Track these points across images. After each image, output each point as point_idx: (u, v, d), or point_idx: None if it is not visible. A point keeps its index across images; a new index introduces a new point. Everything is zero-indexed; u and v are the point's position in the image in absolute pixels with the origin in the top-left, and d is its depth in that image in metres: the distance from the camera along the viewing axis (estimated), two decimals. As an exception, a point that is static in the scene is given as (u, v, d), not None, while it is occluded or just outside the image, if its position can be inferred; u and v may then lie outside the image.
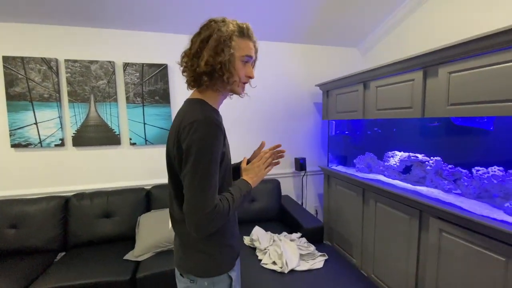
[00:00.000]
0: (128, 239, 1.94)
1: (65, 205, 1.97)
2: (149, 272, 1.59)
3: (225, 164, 0.81)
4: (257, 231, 1.98)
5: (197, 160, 0.70)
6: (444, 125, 1.66)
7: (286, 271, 1.56)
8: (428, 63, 1.42)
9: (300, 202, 2.71)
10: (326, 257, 1.70)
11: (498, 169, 1.34)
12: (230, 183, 0.87)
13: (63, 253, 1.89)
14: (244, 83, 0.84)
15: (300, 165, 2.59)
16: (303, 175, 2.73)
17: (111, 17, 2.00)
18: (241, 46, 0.78)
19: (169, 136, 0.81)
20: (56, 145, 2.07)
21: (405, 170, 1.85)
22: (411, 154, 1.81)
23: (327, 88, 2.42)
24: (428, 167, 1.65)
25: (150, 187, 2.20)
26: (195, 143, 0.70)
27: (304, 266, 1.61)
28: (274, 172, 2.60)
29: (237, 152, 1.98)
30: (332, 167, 2.43)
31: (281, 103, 2.62)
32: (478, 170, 1.40)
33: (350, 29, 2.46)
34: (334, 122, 2.53)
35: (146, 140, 2.24)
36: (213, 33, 0.76)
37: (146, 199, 2.11)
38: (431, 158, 1.68)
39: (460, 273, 1.27)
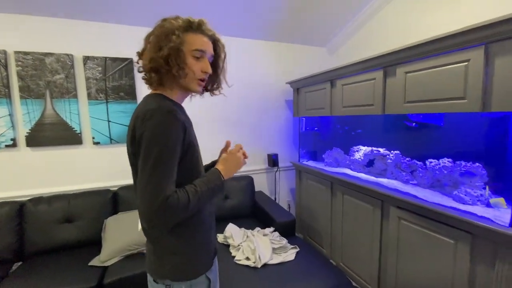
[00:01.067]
0: (94, 244, 1.83)
1: (19, 211, 1.80)
2: (117, 277, 1.52)
3: (192, 157, 0.79)
4: (231, 228, 1.99)
5: (149, 148, 0.67)
6: (401, 121, 1.79)
7: (259, 266, 1.59)
8: (387, 63, 1.52)
9: (273, 198, 2.76)
10: (298, 249, 1.76)
11: (448, 161, 1.48)
12: (201, 172, 0.84)
13: (19, 263, 1.73)
14: (201, 80, 0.81)
15: (273, 161, 2.63)
16: (276, 171, 2.78)
17: (69, 5, 1.85)
18: (190, 41, 0.77)
19: (127, 133, 0.77)
20: (7, 146, 1.87)
21: (369, 163, 1.96)
22: (373, 148, 1.93)
23: (297, 86, 2.48)
24: (389, 160, 1.77)
25: (116, 188, 2.09)
26: (147, 131, 0.68)
27: (276, 259, 1.65)
28: (247, 168, 2.61)
29: (210, 152, 1.97)
30: (303, 162, 2.50)
31: (254, 100, 2.63)
32: (431, 162, 1.54)
33: (319, 28, 2.53)
34: (304, 118, 2.61)
35: (111, 139, 2.12)
36: (156, 30, 0.76)
37: (113, 201, 2.01)
38: (391, 151, 1.81)
39: (416, 257, 1.39)
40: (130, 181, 2.14)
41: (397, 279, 1.52)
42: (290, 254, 1.71)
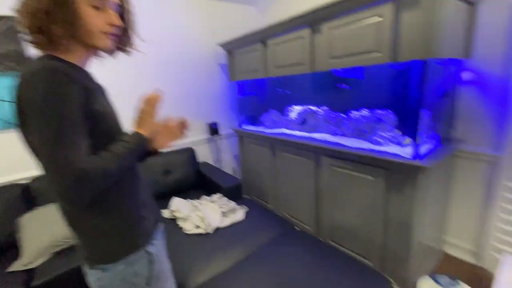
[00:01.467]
0: (8, 249, 1.54)
1: None
2: (48, 277, 1.33)
3: (107, 125, 0.69)
4: (176, 201, 1.92)
5: (43, 117, 0.56)
6: (328, 78, 1.93)
7: (211, 231, 1.61)
8: (313, 20, 1.56)
9: (218, 166, 2.76)
10: (247, 209, 1.84)
11: (366, 111, 1.68)
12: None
13: None
14: (110, 34, 0.69)
15: (213, 129, 2.57)
16: (218, 139, 2.74)
17: None
18: None
19: (13, 108, 0.63)
20: None
21: (303, 121, 2.10)
22: (306, 106, 2.06)
23: (230, 48, 2.38)
24: (319, 116, 1.92)
25: (27, 181, 1.74)
26: (35, 98, 0.56)
27: (226, 222, 1.70)
28: (186, 140, 2.49)
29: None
30: (244, 128, 2.52)
31: (186, 66, 2.42)
32: (353, 114, 1.73)
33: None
34: (240, 82, 2.56)
35: (5, 122, 1.69)
36: None
37: (24, 196, 1.67)
38: (321, 108, 1.96)
39: (346, 196, 1.62)
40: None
41: (332, 218, 1.76)
42: (239, 214, 1.77)
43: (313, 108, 2.01)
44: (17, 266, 1.42)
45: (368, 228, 1.53)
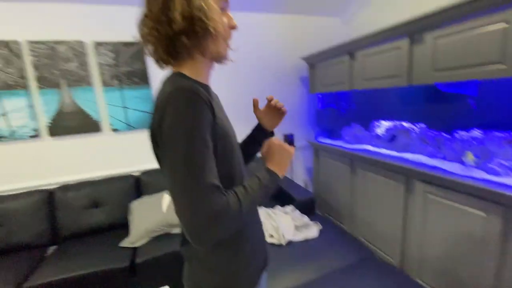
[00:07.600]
0: (121, 227, 1.91)
1: (49, 198, 1.89)
2: (148, 257, 1.59)
3: (227, 145, 0.61)
4: (252, 207, 2.01)
5: (174, 141, 0.51)
6: (429, 92, 1.70)
7: (284, 243, 1.62)
8: (413, 30, 1.42)
9: (290, 177, 2.77)
10: (321, 227, 1.78)
11: (478, 131, 1.41)
12: (239, 170, 0.67)
13: (54, 247, 1.84)
14: (229, 40, 0.66)
15: (289, 140, 2.59)
16: (292, 150, 2.76)
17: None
18: None
19: (149, 133, 0.60)
20: (31, 136, 1.92)
21: (391, 138, 1.91)
22: (396, 122, 1.87)
23: (312, 61, 2.38)
24: (413, 134, 1.71)
25: (139, 173, 2.14)
26: (168, 120, 0.51)
27: (299, 236, 1.68)
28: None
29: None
30: (320, 141, 2.47)
31: (265, 78, 2.55)
32: (460, 134, 1.47)
33: (333, -3, 2.37)
34: (321, 95, 2.53)
35: (128, 125, 2.13)
36: None
37: (136, 186, 2.06)
38: (416, 125, 1.74)
39: (448, 231, 1.38)
40: (151, 165, 2.17)
41: (423, 253, 1.52)
42: (313, 231, 1.73)
43: (405, 124, 1.81)
44: (125, 243, 1.75)
45: (475, 272, 1.25)
